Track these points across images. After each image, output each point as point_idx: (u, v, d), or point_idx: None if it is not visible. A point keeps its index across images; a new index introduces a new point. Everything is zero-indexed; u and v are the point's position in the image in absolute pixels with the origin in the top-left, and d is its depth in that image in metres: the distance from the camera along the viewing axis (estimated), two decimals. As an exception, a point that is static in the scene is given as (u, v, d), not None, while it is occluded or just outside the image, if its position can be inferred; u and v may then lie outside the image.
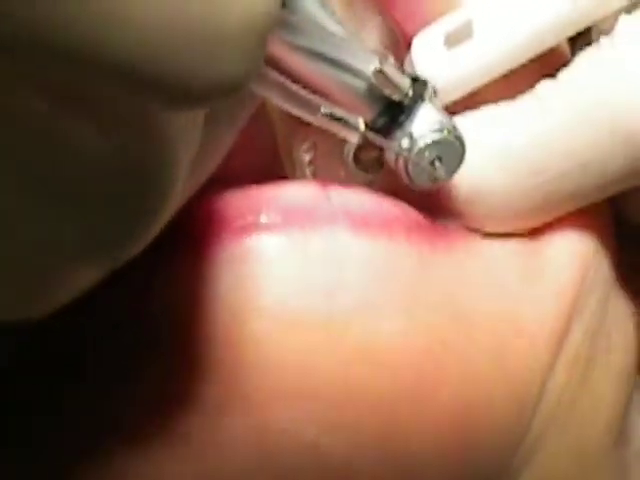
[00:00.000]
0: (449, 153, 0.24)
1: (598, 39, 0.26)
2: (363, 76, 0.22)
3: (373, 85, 0.22)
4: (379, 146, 0.24)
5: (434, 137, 0.23)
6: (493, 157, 0.25)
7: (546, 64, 0.26)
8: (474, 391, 0.24)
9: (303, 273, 0.23)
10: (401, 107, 0.23)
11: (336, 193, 0.25)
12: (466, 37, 0.26)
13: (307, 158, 0.26)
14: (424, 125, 0.23)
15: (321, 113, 0.21)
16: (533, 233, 0.27)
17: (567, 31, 0.26)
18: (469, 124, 0.25)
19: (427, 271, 0.24)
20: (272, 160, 0.26)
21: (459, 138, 0.24)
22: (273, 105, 0.26)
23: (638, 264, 0.30)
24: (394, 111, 0.23)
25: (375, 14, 0.27)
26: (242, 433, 0.23)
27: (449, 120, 0.24)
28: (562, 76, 0.26)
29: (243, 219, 0.24)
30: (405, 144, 0.23)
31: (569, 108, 0.25)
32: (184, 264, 0.24)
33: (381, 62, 0.22)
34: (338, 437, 0.23)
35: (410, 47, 0.27)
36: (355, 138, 0.22)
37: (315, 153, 0.26)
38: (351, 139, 0.22)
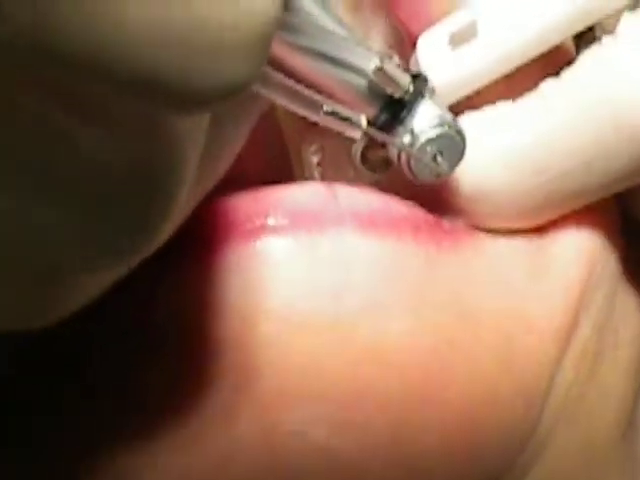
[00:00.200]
0: (450, 147, 0.24)
1: (601, 38, 0.26)
2: (364, 74, 0.22)
3: (373, 83, 0.23)
4: (382, 144, 0.24)
5: (435, 132, 0.24)
6: (497, 156, 0.25)
7: (550, 63, 0.27)
8: (481, 389, 0.24)
9: (310, 275, 0.24)
10: (402, 104, 0.23)
11: (343, 193, 0.25)
12: (471, 37, 0.26)
13: (315, 160, 0.26)
14: (425, 121, 0.24)
15: (323, 111, 0.22)
16: (539, 230, 0.27)
17: (570, 30, 0.26)
18: (473, 123, 0.25)
19: (434, 270, 0.25)
20: (281, 163, 0.26)
21: (460, 132, 0.24)
22: (282, 109, 0.26)
23: None
24: (395, 108, 0.23)
25: (381, 16, 0.27)
26: (251, 435, 0.23)
27: (449, 115, 0.24)
28: (565, 75, 0.26)
29: (251, 222, 0.24)
30: (407, 140, 0.24)
31: (573, 106, 0.25)
32: (192, 268, 0.24)
33: (381, 60, 0.22)
34: (347, 438, 0.23)
35: (415, 47, 0.27)
36: (357, 135, 0.22)
37: (323, 155, 0.26)
38: (353, 136, 0.22)
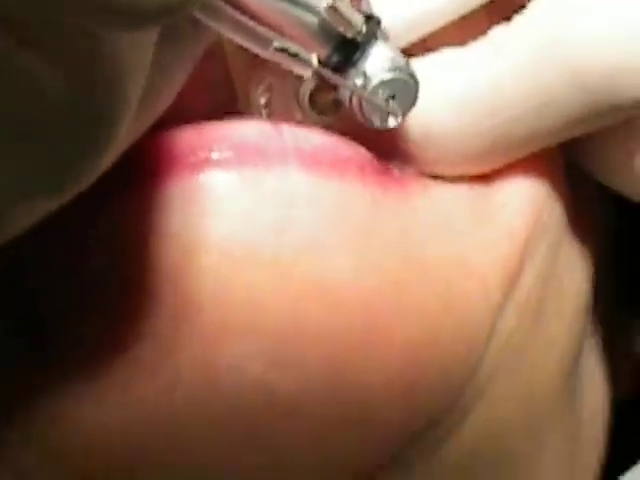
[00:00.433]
0: (403, 91, 0.24)
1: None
2: (316, 12, 0.22)
3: (326, 21, 0.22)
4: (333, 86, 0.24)
5: (388, 75, 0.23)
6: (446, 100, 0.25)
7: (503, 9, 0.26)
8: (423, 331, 0.24)
9: (253, 210, 0.23)
10: (354, 45, 0.23)
11: (289, 131, 0.24)
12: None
13: (263, 100, 0.26)
14: (377, 63, 0.23)
15: (273, 47, 0.21)
16: (486, 178, 0.27)
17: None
18: (422, 67, 0.25)
19: (379, 213, 0.25)
20: (227, 98, 0.26)
21: (412, 76, 0.24)
22: (230, 46, 0.25)
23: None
24: (347, 49, 0.23)
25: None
26: (190, 369, 0.23)
27: (402, 58, 0.24)
28: (516, 19, 0.26)
29: (195, 155, 0.24)
30: (359, 82, 0.23)
31: (522, 50, 0.25)
32: (134, 199, 0.24)
33: None
34: (285, 373, 0.23)
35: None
36: (308, 74, 0.22)
37: (271, 95, 0.26)
38: (304, 74, 0.22)
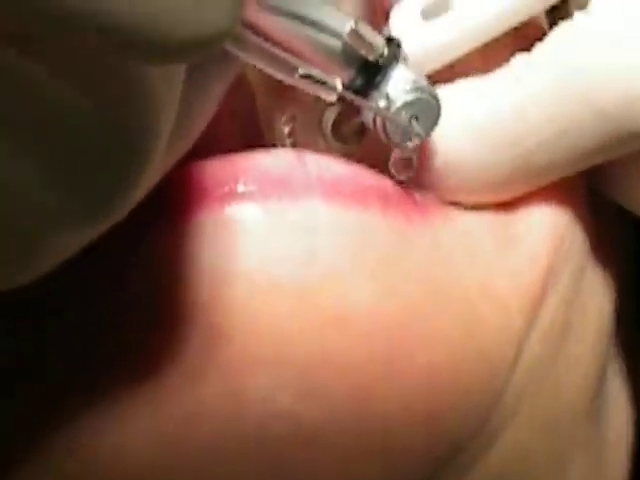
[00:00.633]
0: (426, 111, 0.24)
1: (574, 13, 0.26)
2: (338, 36, 0.22)
3: (348, 45, 0.23)
4: (357, 109, 0.24)
5: (410, 96, 0.24)
6: (466, 128, 0.25)
7: (523, 39, 0.27)
8: (445, 358, 0.24)
9: (277, 242, 0.24)
10: (377, 68, 0.23)
11: (312, 161, 0.25)
12: (443, 11, 0.26)
13: (287, 130, 0.26)
14: (399, 85, 0.24)
15: (298, 74, 0.22)
16: (508, 206, 0.27)
17: (542, 3, 0.27)
18: (443, 95, 0.25)
19: (401, 242, 0.25)
20: (253, 130, 0.26)
21: (435, 97, 0.24)
22: (255, 77, 0.26)
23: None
24: (370, 72, 0.23)
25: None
26: (217, 399, 0.23)
27: (423, 80, 0.24)
28: (536, 49, 0.26)
29: (221, 188, 0.24)
30: (382, 104, 0.24)
31: (542, 80, 0.25)
32: (165, 232, 0.24)
33: (356, 22, 0.22)
34: (312, 403, 0.23)
35: (387, 20, 0.27)
36: (333, 98, 0.22)
37: (294, 125, 0.26)
38: (329, 99, 0.22)
